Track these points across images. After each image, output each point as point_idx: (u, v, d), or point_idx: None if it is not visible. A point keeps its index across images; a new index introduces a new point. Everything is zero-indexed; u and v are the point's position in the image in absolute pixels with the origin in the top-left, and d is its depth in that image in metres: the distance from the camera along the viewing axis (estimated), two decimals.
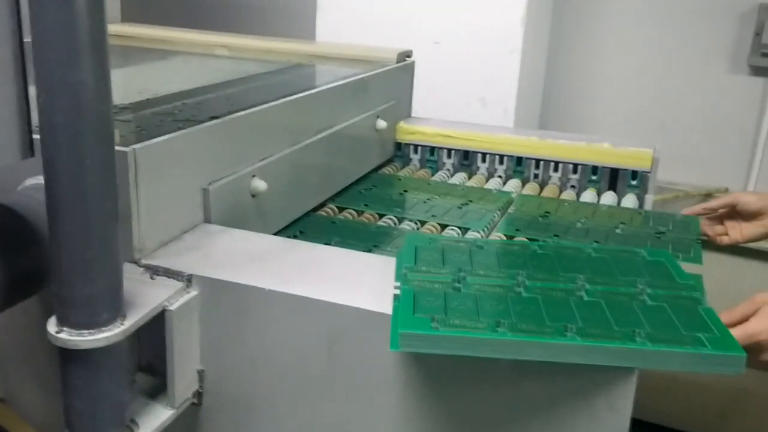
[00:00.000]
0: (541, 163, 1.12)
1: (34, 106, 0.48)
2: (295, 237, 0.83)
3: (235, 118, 0.77)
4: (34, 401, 0.66)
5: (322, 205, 0.96)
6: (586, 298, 0.49)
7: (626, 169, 1.08)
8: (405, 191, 1.03)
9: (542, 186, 1.12)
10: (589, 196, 1.07)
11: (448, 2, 1.52)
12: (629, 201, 1.05)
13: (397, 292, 0.52)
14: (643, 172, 1.07)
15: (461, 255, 0.56)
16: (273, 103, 0.85)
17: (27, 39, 0.47)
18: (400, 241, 0.86)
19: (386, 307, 0.53)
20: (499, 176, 1.15)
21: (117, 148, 0.53)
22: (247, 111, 0.79)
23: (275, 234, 0.81)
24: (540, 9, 1.60)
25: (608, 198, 1.06)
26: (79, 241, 0.48)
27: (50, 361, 0.64)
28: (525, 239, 0.81)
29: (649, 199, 1.06)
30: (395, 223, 0.92)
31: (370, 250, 0.79)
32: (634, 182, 1.08)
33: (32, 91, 0.48)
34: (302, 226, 0.87)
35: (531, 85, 1.64)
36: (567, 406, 0.49)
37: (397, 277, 0.55)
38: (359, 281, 0.59)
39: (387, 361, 0.53)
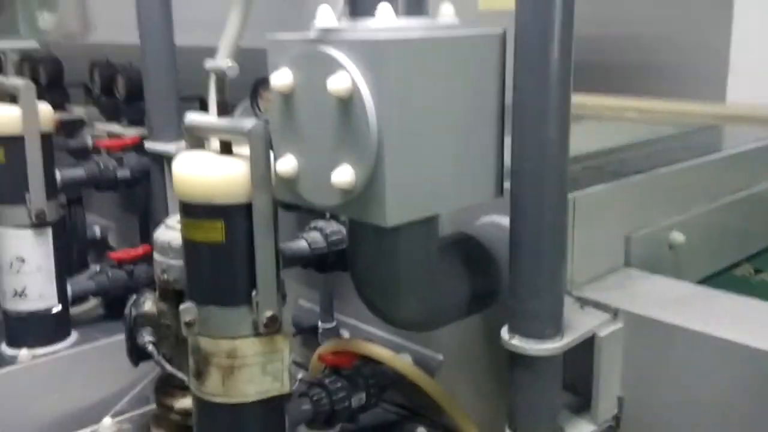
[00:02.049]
0: None
1: None
2: None
3: (655, 174, 0.82)
4: (469, 399, 0.79)
5: (735, 265, 0.95)
6: None
7: None
8: None
9: None
10: None
11: None
12: None
13: None
14: None
15: None
16: (691, 162, 0.89)
17: None
18: None
19: None
20: None
21: None
22: (667, 168, 0.85)
23: None
24: None
25: None
26: (533, 266, 0.59)
27: (488, 366, 0.77)
28: None
29: None
30: None
31: None
32: None
33: None
34: (715, 283, 0.88)
35: None
36: None
37: None
38: None
39: None
